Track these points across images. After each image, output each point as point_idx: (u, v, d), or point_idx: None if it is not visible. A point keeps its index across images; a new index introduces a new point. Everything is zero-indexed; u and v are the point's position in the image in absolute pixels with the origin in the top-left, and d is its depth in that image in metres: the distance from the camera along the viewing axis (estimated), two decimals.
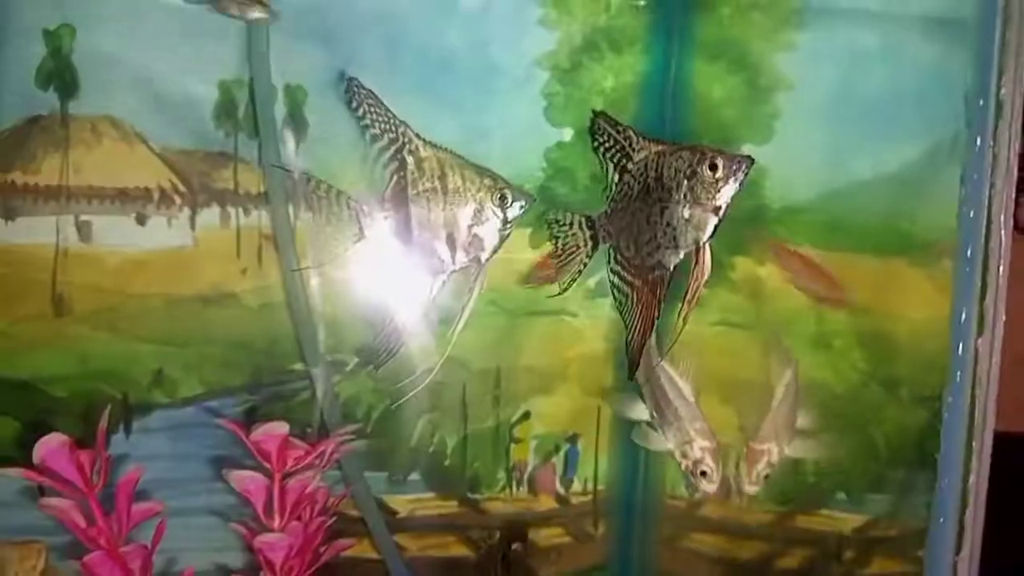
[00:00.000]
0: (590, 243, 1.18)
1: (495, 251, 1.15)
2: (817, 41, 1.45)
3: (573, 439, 1.52)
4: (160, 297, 1.37)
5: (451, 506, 1.50)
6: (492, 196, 1.09)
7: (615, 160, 1.14)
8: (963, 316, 1.49)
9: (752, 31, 1.46)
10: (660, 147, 1.12)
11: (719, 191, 1.04)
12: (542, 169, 1.44)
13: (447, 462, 1.48)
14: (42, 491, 1.05)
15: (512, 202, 1.11)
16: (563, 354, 1.48)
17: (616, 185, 1.14)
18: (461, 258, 1.11)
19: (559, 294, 1.19)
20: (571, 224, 1.19)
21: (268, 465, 0.88)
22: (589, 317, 1.48)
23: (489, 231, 1.10)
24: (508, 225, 1.12)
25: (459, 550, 1.49)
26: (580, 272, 1.19)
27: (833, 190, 1.49)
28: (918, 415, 1.53)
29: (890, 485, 1.54)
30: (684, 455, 1.34)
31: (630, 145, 1.11)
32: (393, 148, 1.12)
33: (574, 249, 1.18)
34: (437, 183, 1.08)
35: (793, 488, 1.52)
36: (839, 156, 1.49)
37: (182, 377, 1.39)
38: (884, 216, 1.50)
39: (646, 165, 1.09)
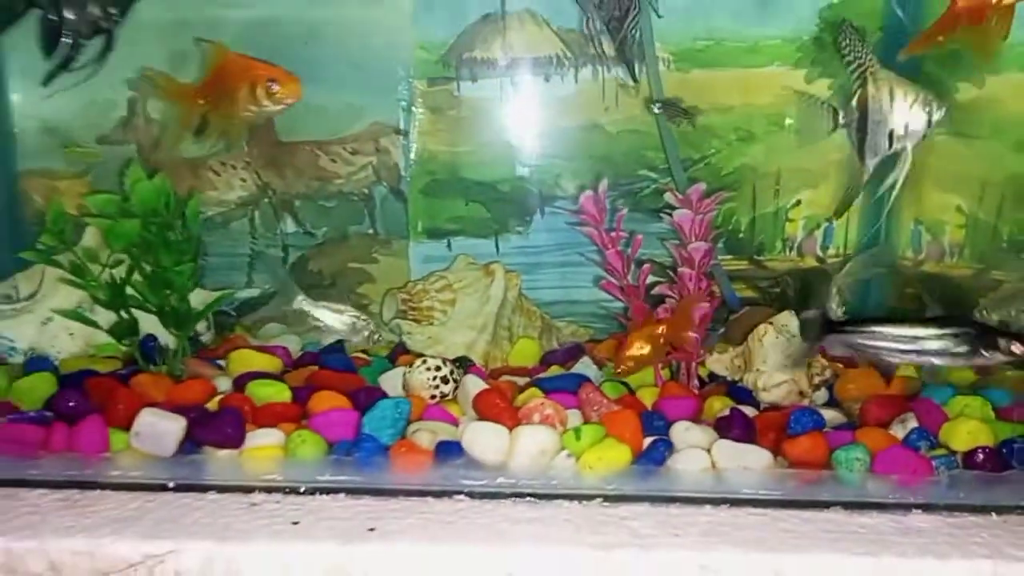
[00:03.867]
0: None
1: (918, 142, 1.60)
2: None
3: (830, 219, 2.08)
4: (556, 128, 2.06)
5: (742, 264, 2.15)
6: (923, 105, 1.56)
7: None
8: None
9: None
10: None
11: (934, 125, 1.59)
12: (816, 23, 1.97)
13: (741, 234, 2.12)
14: None
15: (936, 108, 1.57)
16: (826, 158, 2.03)
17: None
18: (895, 145, 1.59)
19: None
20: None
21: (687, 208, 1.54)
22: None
23: (918, 128, 1.57)
24: (931, 126, 1.56)
25: (747, 293, 2.16)
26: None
27: None
28: None
29: None
30: None
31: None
32: (860, 70, 1.62)
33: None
34: (887, 94, 1.57)
35: (989, 251, 2.03)
36: None
37: (570, 179, 2.10)
38: None
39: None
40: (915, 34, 1.91)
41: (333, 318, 1.87)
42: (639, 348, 1.50)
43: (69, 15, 1.58)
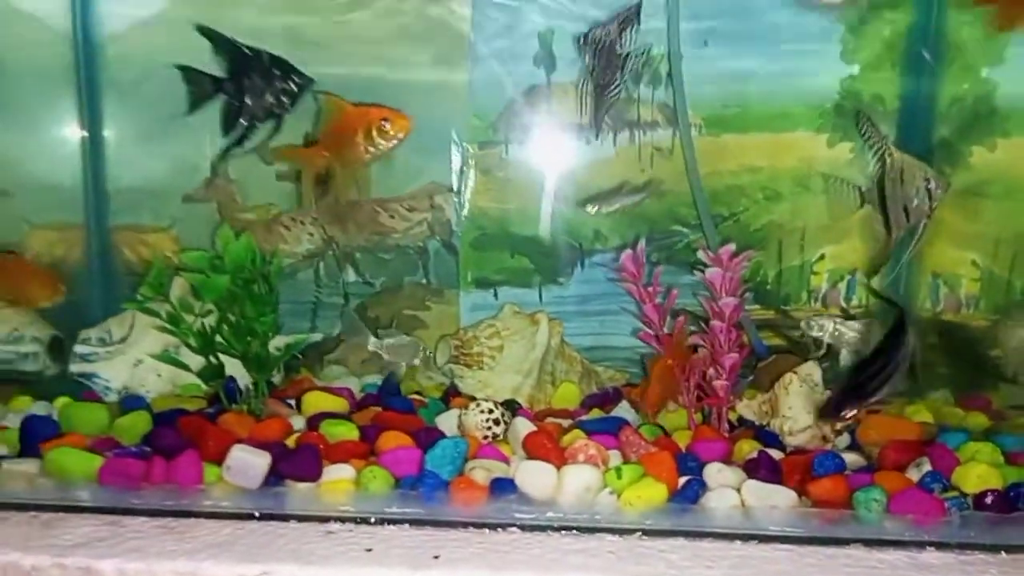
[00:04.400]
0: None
1: (929, 217, 1.79)
2: None
3: (852, 272, 2.20)
4: (596, 187, 2.18)
5: (770, 313, 2.26)
6: (929, 184, 1.75)
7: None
8: None
9: None
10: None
11: (937, 199, 1.76)
12: (837, 92, 2.11)
13: (768, 286, 2.23)
14: None
15: (936, 187, 1.75)
16: (848, 217, 2.16)
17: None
18: (911, 220, 1.79)
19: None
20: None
21: (719, 266, 1.67)
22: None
23: (924, 204, 1.75)
24: (933, 201, 1.74)
25: (775, 340, 2.27)
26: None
27: None
28: None
29: None
30: None
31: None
32: (880, 153, 1.79)
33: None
34: (899, 174, 1.76)
35: (1003, 304, 2.12)
36: None
37: (609, 234, 2.23)
38: None
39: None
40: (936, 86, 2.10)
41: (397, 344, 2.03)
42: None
43: (249, 101, 1.78)
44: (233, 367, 1.73)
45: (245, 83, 1.78)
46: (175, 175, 2.09)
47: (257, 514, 1.40)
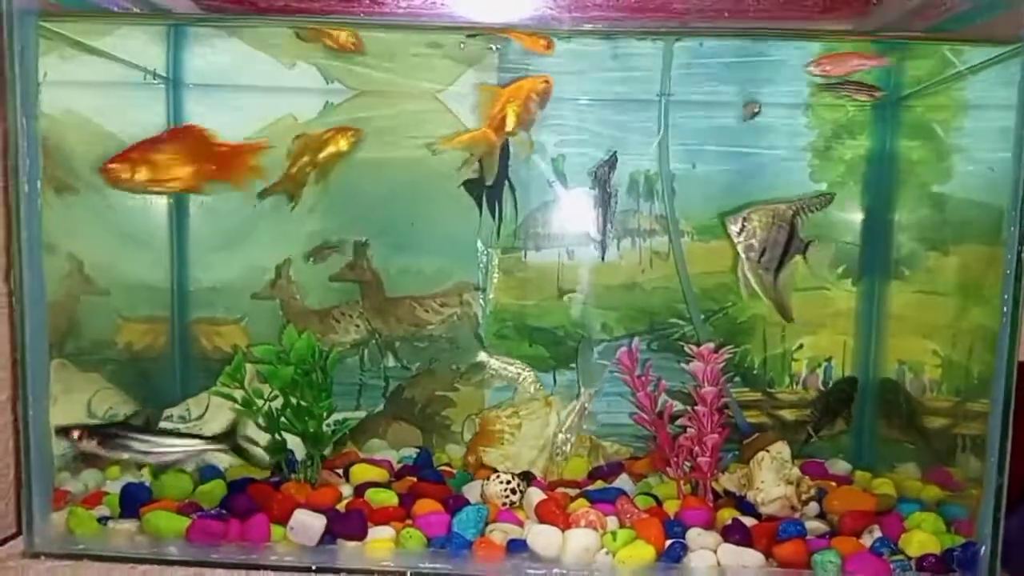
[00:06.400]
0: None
1: None
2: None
3: (829, 359, 2.44)
4: (605, 286, 2.48)
5: (756, 395, 2.49)
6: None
7: None
8: None
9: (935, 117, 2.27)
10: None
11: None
12: None
13: (755, 371, 2.47)
14: None
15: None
16: (822, 311, 2.40)
17: None
18: None
19: None
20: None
21: (701, 360, 1.92)
22: (837, 289, 2.39)
23: None
24: None
25: (760, 419, 2.49)
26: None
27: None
28: None
29: None
30: None
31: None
32: None
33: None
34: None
35: (964, 386, 2.32)
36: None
37: (615, 326, 2.49)
38: None
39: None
40: None
41: (504, 368, 2.28)
42: None
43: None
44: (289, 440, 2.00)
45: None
46: (245, 277, 2.40)
47: (314, 567, 1.65)
